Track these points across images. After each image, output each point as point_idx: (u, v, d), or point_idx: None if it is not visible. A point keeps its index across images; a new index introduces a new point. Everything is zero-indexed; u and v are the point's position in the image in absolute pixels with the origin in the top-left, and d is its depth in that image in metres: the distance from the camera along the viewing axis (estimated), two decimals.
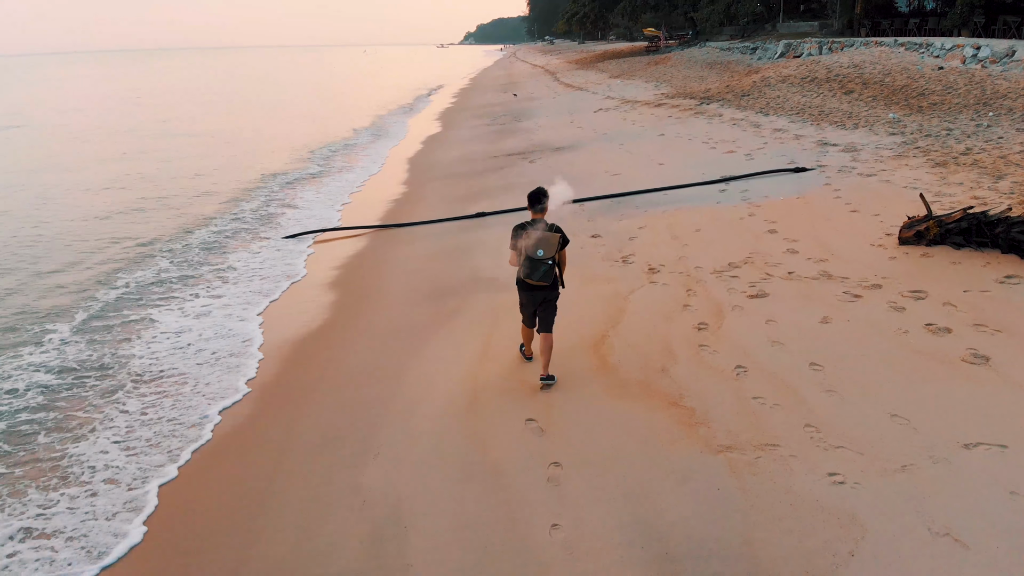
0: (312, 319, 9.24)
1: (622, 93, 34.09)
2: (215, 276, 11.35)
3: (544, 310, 6.51)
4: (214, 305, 9.95)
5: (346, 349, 8.10)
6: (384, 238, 13.16)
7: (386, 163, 22.02)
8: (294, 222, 14.97)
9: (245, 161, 23.17)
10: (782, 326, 7.25)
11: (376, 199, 16.86)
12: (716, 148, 17.49)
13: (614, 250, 10.47)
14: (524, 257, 6.31)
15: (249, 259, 12.25)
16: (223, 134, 31.08)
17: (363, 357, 7.81)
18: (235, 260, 12.20)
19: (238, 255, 12.52)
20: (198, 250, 12.91)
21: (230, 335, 8.82)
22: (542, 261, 6.27)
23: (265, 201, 17.06)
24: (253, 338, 8.68)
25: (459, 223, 13.57)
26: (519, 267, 6.43)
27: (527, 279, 6.35)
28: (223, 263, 12.08)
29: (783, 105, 22.23)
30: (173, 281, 11.11)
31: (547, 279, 6.32)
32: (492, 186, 16.46)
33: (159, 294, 10.52)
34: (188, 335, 8.84)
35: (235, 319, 9.37)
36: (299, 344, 8.43)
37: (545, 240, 6.24)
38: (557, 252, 6.29)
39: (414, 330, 8.42)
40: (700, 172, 14.97)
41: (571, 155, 19.25)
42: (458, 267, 10.75)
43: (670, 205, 12.74)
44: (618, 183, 15.04)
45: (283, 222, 14.97)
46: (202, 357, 8.17)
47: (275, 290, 10.49)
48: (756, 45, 42.79)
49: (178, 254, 12.64)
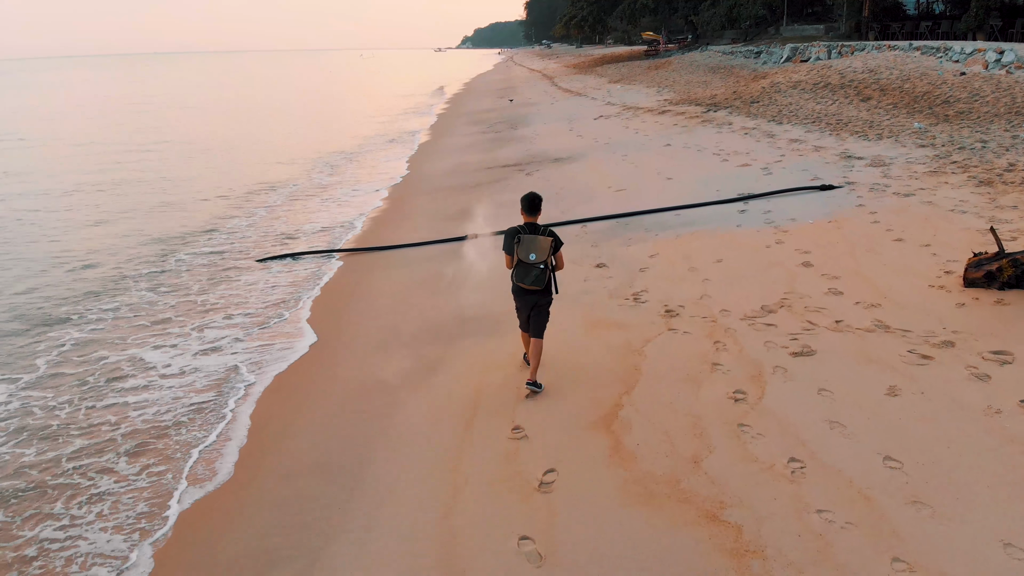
0: (268, 373, 7.80)
1: (623, 99, 32.70)
2: (183, 309, 9.92)
3: (536, 315, 6.44)
4: (170, 354, 8.50)
5: (300, 426, 6.66)
6: (362, 263, 11.72)
7: (373, 174, 20.59)
8: (272, 241, 13.54)
9: (228, 175, 21.74)
10: (840, 399, 5.82)
11: (358, 215, 15.42)
12: (728, 161, 16.09)
13: (623, 284, 9.05)
14: (516, 261, 6.24)
15: (219, 288, 10.82)
16: (201, 143, 29.66)
17: (317, 439, 6.34)
18: (205, 288, 10.77)
19: (209, 282, 11.08)
20: (166, 276, 11.50)
21: (173, 407, 7.38)
22: (534, 265, 6.19)
23: (242, 219, 15.62)
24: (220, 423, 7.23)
25: (447, 246, 12.15)
26: (512, 271, 6.34)
27: (520, 283, 6.30)
28: (191, 290, 10.68)
29: (797, 113, 20.83)
30: (126, 313, 9.67)
31: (539, 283, 6.24)
32: (486, 202, 15.03)
33: (107, 330, 9.07)
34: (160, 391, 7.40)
35: (187, 383, 7.93)
36: (254, 415, 6.99)
37: (537, 244, 6.17)
38: (550, 255, 6.21)
39: (385, 390, 6.99)
40: (714, 189, 13.57)
41: (571, 167, 17.83)
42: (442, 303, 9.32)
43: (684, 228, 11.32)
44: (623, 200, 13.63)
45: (258, 241, 13.53)
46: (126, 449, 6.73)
47: (231, 339, 9.04)
48: (760, 49, 41.47)
49: (136, 283, 11.20)
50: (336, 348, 8.31)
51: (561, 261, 6.41)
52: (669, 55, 55.75)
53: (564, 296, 8.82)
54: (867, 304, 7.52)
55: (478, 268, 10.59)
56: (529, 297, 6.37)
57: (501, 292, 9.19)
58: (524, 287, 6.29)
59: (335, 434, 6.28)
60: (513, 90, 50.06)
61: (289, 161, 23.43)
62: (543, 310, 6.42)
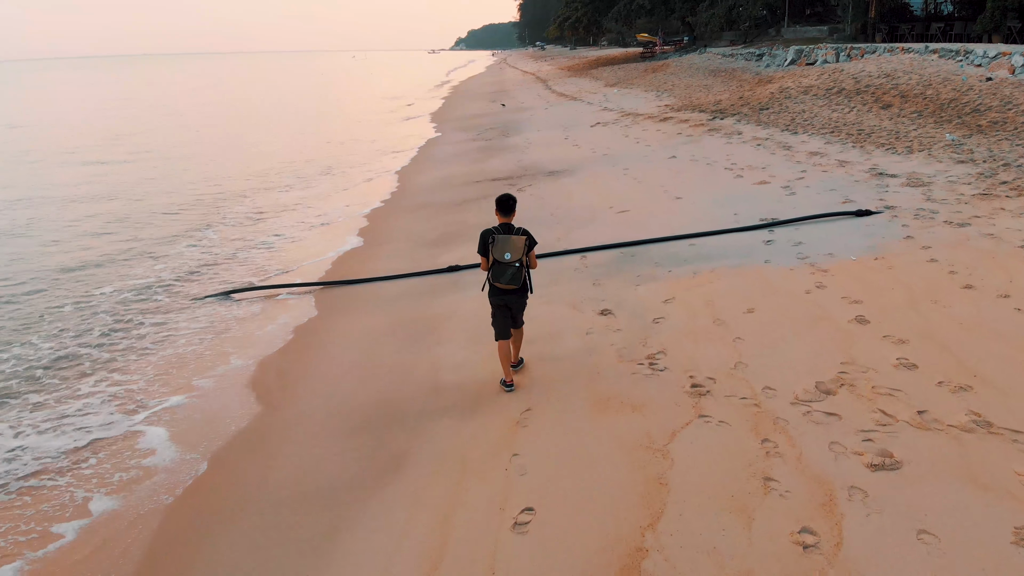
0: (188, 473, 6.09)
1: (620, 104, 31.05)
2: (66, 371, 8.17)
3: (516, 309, 6.57)
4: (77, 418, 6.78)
5: (214, 556, 4.95)
6: (324, 300, 10.01)
7: (349, 189, 18.87)
8: (222, 272, 11.82)
9: (192, 186, 19.97)
10: (949, 549, 4.14)
11: (329, 238, 13.70)
12: (743, 177, 14.42)
13: (634, 341, 7.37)
14: (492, 261, 6.32)
15: (133, 336, 9.09)
16: (175, 151, 27.88)
17: (238, 570, 4.65)
18: (112, 339, 9.03)
19: (123, 328, 9.35)
20: (75, 317, 9.75)
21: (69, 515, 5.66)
22: (509, 264, 6.28)
23: (193, 242, 13.87)
24: None
25: (427, 279, 10.46)
26: (488, 272, 6.43)
27: (496, 283, 6.38)
28: (91, 338, 8.93)
29: (812, 122, 19.19)
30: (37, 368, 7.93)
31: (515, 282, 6.32)
32: (472, 223, 13.33)
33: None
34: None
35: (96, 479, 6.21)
36: (150, 529, 5.27)
37: (511, 243, 6.27)
38: (524, 255, 6.31)
39: (331, 497, 5.31)
40: (730, 212, 11.90)
41: (567, 182, 16.15)
42: (415, 361, 7.63)
43: (702, 262, 9.65)
44: (627, 224, 11.96)
45: (205, 272, 11.79)
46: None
47: (124, 408, 7.32)
48: (762, 51, 39.87)
49: (39, 325, 9.45)
50: (277, 430, 6.60)
51: (534, 261, 6.53)
52: (666, 57, 54.18)
53: (564, 355, 7.14)
54: (953, 385, 5.84)
55: (460, 312, 8.92)
56: (506, 297, 6.46)
57: (484, 344, 7.52)
58: (500, 286, 6.39)
59: (267, 566, 4.59)
60: (505, 94, 48.38)
61: (258, 174, 21.66)
62: (521, 305, 6.58)
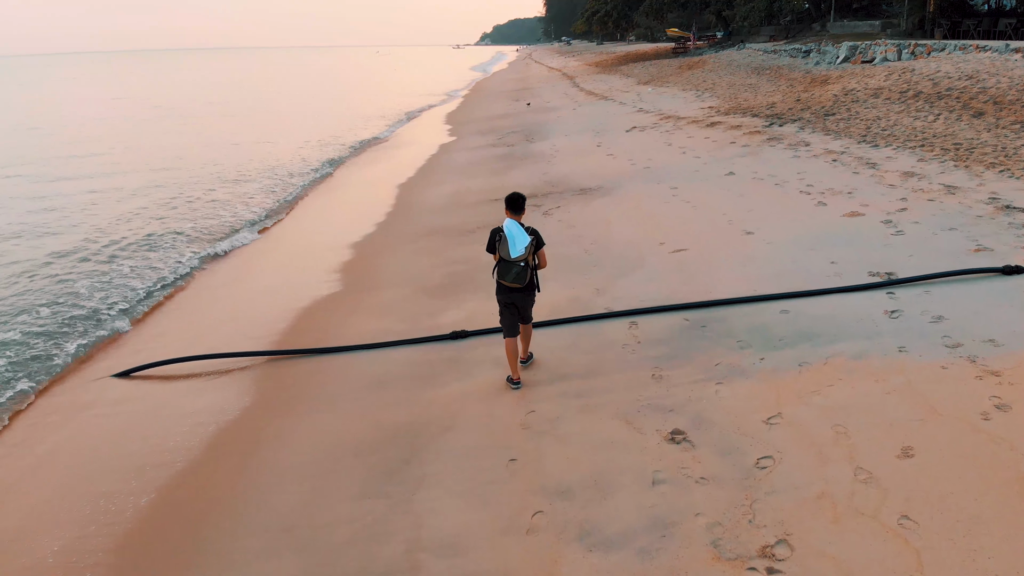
0: None
1: (657, 104, 28.13)
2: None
3: (523, 306, 6.52)
4: None
5: None
6: (270, 379, 7.35)
7: (337, 205, 16.23)
8: (151, 340, 9.20)
9: (152, 209, 17.47)
10: None
11: (298, 277, 11.01)
12: (827, 204, 11.55)
13: (734, 512, 4.60)
14: (499, 259, 6.35)
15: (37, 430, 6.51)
16: (158, 154, 25.49)
17: None
18: None
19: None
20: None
21: None
22: (515, 263, 6.28)
23: (102, 276, 11.29)
24: None
25: (421, 349, 7.79)
26: (494, 269, 6.42)
27: (502, 280, 6.38)
28: None
29: (893, 132, 16.19)
30: None
31: (520, 280, 6.34)
32: (486, 262, 10.65)
33: None
34: None
35: None
36: None
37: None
38: (531, 254, 6.33)
39: None
40: (824, 258, 9.07)
41: (603, 204, 13.37)
42: (383, 524, 4.95)
43: (807, 344, 6.84)
44: (687, 270, 9.18)
45: (112, 324, 9.20)
46: None
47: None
48: (809, 47, 36.72)
49: None
50: None
51: (543, 260, 6.52)
52: (701, 53, 51.07)
53: (617, 537, 4.40)
54: None
55: (464, 417, 6.24)
56: (512, 295, 6.44)
57: (496, 491, 4.85)
58: (506, 284, 6.38)
59: None
60: (530, 92, 45.55)
61: (228, 176, 19.11)
62: (528, 304, 6.53)
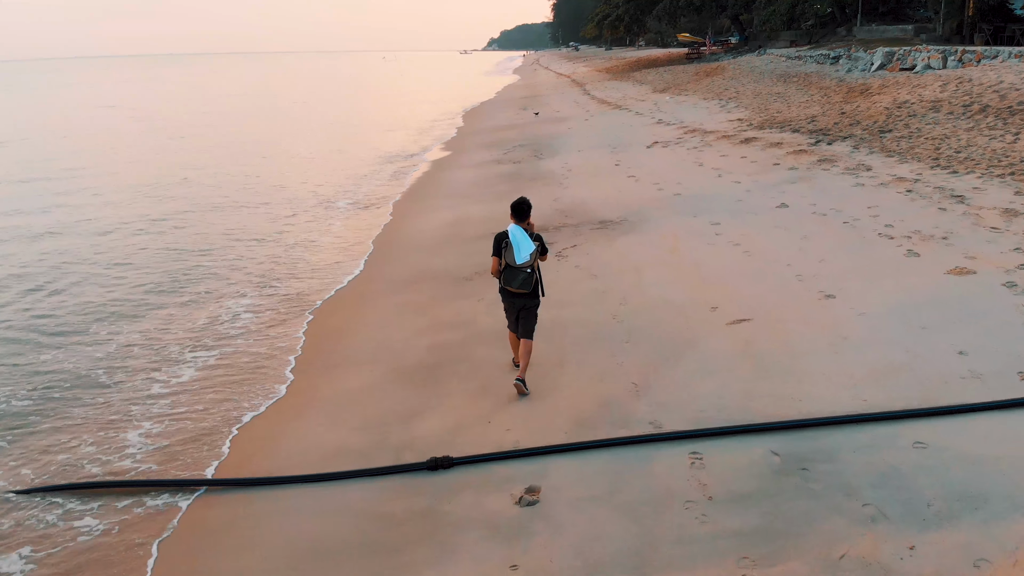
0: None
1: (679, 115, 25.66)
2: None
3: (524, 318, 6.50)
4: None
5: None
6: (200, 518, 4.90)
7: (306, 241, 13.78)
8: (49, 457, 6.71)
9: (118, 248, 15.09)
10: None
11: (244, 366, 8.48)
12: (920, 255, 9.04)
13: None
14: (504, 265, 6.33)
15: None
16: (122, 179, 23.14)
17: None
18: None
19: None
20: None
21: None
22: (521, 269, 6.31)
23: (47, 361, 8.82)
24: None
25: (392, 483, 5.32)
26: (500, 275, 6.40)
27: (508, 287, 6.40)
28: None
29: (970, 154, 13.66)
30: None
31: (527, 287, 6.35)
32: (486, 326, 8.20)
33: None
34: None
35: None
36: None
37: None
38: (536, 260, 6.36)
39: None
40: (946, 342, 6.58)
41: (629, 244, 10.90)
42: None
43: (964, 508, 4.37)
44: (756, 353, 6.70)
45: None
46: None
47: None
48: (838, 53, 34.16)
49: None
50: None
51: (544, 259, 6.56)
52: (717, 59, 48.58)
53: None
54: None
55: None
56: (517, 300, 6.45)
57: None
58: (512, 290, 6.39)
59: None
60: (538, 99, 43.12)
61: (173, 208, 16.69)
62: (531, 312, 6.49)
